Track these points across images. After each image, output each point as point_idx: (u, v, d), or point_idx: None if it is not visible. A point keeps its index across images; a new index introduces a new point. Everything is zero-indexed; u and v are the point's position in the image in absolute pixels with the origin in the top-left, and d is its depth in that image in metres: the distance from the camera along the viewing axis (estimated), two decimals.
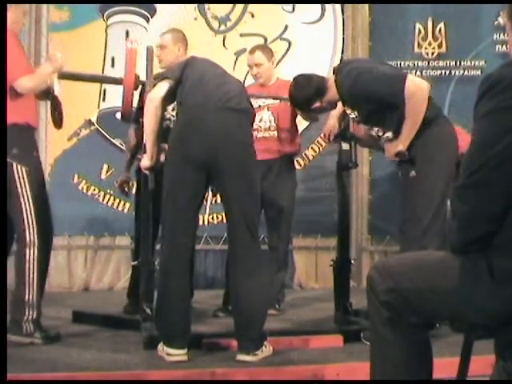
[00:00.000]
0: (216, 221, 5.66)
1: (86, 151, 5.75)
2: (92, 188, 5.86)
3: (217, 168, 3.12)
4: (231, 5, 6.11)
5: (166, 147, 3.32)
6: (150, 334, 3.31)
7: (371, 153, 5.96)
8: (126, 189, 4.53)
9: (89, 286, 5.88)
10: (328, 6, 6.14)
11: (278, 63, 5.72)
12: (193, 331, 3.20)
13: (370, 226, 6.09)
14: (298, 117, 4.43)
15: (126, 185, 4.51)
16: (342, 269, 3.83)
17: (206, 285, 5.78)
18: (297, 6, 6.11)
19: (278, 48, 5.92)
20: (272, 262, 4.32)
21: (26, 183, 3.44)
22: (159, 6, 6.02)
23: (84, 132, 5.87)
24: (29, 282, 3.39)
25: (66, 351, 3.25)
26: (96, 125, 5.86)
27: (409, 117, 3.27)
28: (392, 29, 6.04)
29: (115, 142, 5.74)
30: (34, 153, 3.60)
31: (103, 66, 5.92)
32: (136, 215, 4.31)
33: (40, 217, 3.47)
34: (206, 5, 6.09)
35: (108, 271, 5.90)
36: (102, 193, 5.84)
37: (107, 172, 5.85)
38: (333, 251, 4.28)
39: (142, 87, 3.82)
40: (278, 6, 6.10)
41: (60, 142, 5.69)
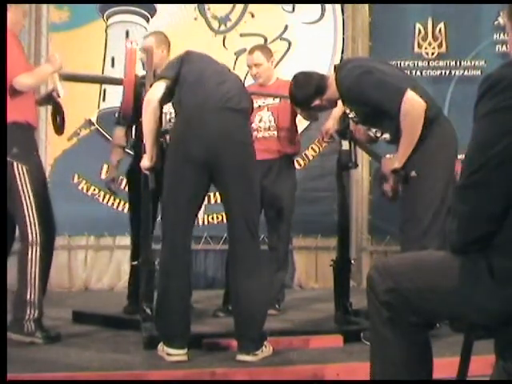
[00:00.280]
0: (216, 221, 5.66)
1: (86, 151, 5.75)
2: (92, 188, 5.87)
3: (217, 168, 3.12)
4: (231, 5, 6.12)
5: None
6: (150, 334, 3.31)
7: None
8: (114, 187, 4.52)
9: (89, 286, 5.88)
10: (328, 6, 6.14)
11: (278, 63, 5.72)
12: (193, 331, 3.19)
13: (370, 226, 6.09)
14: (298, 116, 4.43)
15: (114, 183, 4.49)
16: (342, 269, 3.83)
17: (206, 285, 5.78)
18: (297, 6, 6.11)
19: (278, 48, 5.92)
20: (272, 262, 4.32)
21: (27, 182, 3.43)
22: (159, 6, 6.03)
23: (84, 132, 5.89)
24: (31, 282, 3.39)
25: (66, 351, 3.25)
26: (96, 125, 5.86)
27: (404, 136, 3.29)
28: (392, 29, 6.04)
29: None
30: (34, 152, 3.60)
31: (103, 66, 5.93)
32: (131, 214, 4.32)
33: (42, 215, 3.47)
34: (206, 5, 6.09)
35: (108, 271, 5.89)
36: (102, 193, 5.85)
37: (107, 172, 5.84)
38: (333, 251, 4.28)
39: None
40: (278, 6, 6.10)
41: (60, 142, 5.68)
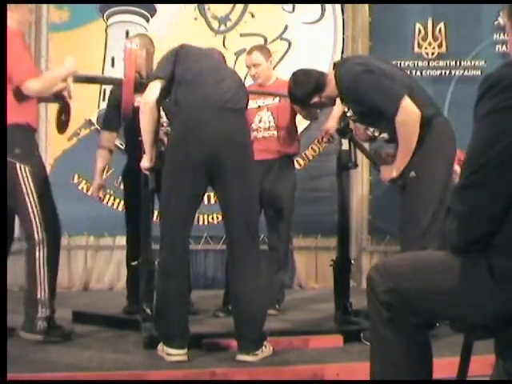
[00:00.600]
0: (216, 221, 5.65)
1: (86, 151, 5.74)
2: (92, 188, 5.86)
3: (217, 170, 3.11)
4: (231, 5, 6.11)
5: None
6: (150, 334, 3.31)
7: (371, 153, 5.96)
8: (102, 194, 4.61)
9: (89, 286, 5.89)
10: (328, 6, 6.13)
11: (278, 63, 5.72)
12: (193, 331, 3.19)
13: (370, 226, 6.08)
14: (298, 116, 4.43)
15: (103, 189, 4.52)
16: (342, 269, 3.82)
17: (206, 285, 5.77)
18: (297, 6, 6.11)
19: (278, 48, 5.92)
20: (272, 262, 4.32)
21: (31, 182, 3.44)
22: (159, 6, 6.03)
23: (84, 132, 5.88)
24: (40, 281, 3.41)
25: (66, 351, 3.25)
26: (96, 125, 5.85)
27: (401, 146, 3.32)
28: (392, 29, 6.03)
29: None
30: (36, 152, 3.60)
31: (103, 66, 5.93)
32: (126, 215, 4.32)
33: (47, 215, 3.48)
34: (206, 5, 6.09)
35: (108, 271, 5.89)
36: (103, 193, 5.84)
37: (107, 172, 5.83)
38: (333, 251, 4.28)
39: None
40: (278, 6, 6.10)
41: (60, 142, 5.68)
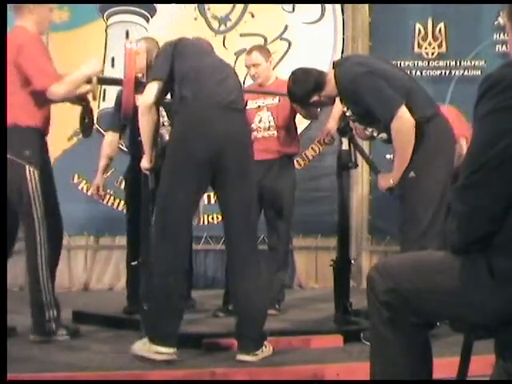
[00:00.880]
0: (216, 221, 5.65)
1: (86, 151, 5.74)
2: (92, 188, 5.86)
3: (220, 168, 3.10)
4: (231, 5, 6.12)
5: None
6: None
7: (371, 153, 5.95)
8: (102, 193, 4.63)
9: (89, 286, 5.89)
10: (328, 6, 6.14)
11: (278, 63, 5.72)
12: (193, 331, 3.19)
13: (370, 226, 6.09)
14: (298, 116, 4.42)
15: (101, 188, 4.55)
16: (342, 269, 3.82)
17: (206, 285, 5.78)
18: (297, 6, 6.11)
19: (278, 48, 5.93)
20: (272, 262, 4.32)
21: (38, 185, 3.44)
22: (159, 6, 6.03)
23: None
24: (43, 284, 3.42)
25: (66, 351, 3.25)
26: (96, 125, 5.84)
27: (397, 155, 3.35)
28: (392, 29, 6.04)
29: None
30: (45, 156, 3.62)
31: (103, 66, 5.92)
32: (128, 215, 4.32)
33: (50, 218, 3.49)
34: (206, 5, 6.10)
35: (108, 271, 5.90)
36: (102, 193, 5.84)
37: (107, 172, 5.84)
38: (333, 251, 4.27)
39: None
40: (278, 6, 6.10)
41: (60, 142, 5.68)
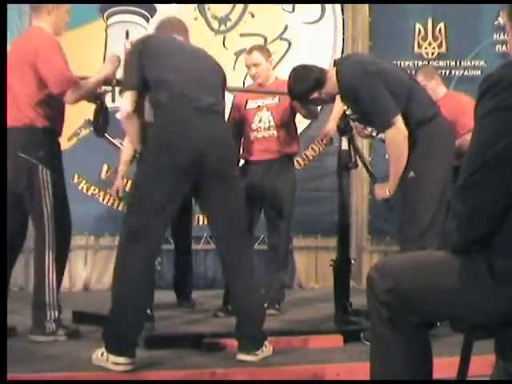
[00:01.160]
0: None
1: (86, 151, 5.75)
2: (92, 188, 5.87)
3: (203, 173, 2.98)
4: (231, 5, 6.12)
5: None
6: (150, 334, 3.31)
7: (371, 153, 5.97)
8: (121, 195, 4.76)
9: (89, 286, 5.89)
10: (328, 6, 6.14)
11: (278, 63, 5.73)
12: (193, 331, 3.19)
13: (370, 226, 6.09)
14: (298, 116, 4.42)
15: (119, 190, 4.71)
16: (342, 269, 3.82)
17: (206, 285, 5.78)
18: (297, 6, 6.12)
19: (278, 48, 5.93)
20: (272, 262, 4.32)
21: (49, 187, 3.45)
22: (159, 6, 6.03)
23: (84, 132, 5.87)
24: (49, 284, 3.43)
25: (66, 351, 3.25)
26: None
27: (392, 166, 3.37)
28: (392, 29, 6.04)
29: (115, 142, 5.73)
30: (58, 158, 3.62)
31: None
32: None
33: (59, 220, 3.50)
34: (206, 5, 6.10)
35: (108, 271, 5.88)
36: (102, 193, 5.86)
37: (107, 172, 5.86)
38: (333, 251, 4.28)
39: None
40: (278, 6, 6.11)
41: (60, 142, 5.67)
